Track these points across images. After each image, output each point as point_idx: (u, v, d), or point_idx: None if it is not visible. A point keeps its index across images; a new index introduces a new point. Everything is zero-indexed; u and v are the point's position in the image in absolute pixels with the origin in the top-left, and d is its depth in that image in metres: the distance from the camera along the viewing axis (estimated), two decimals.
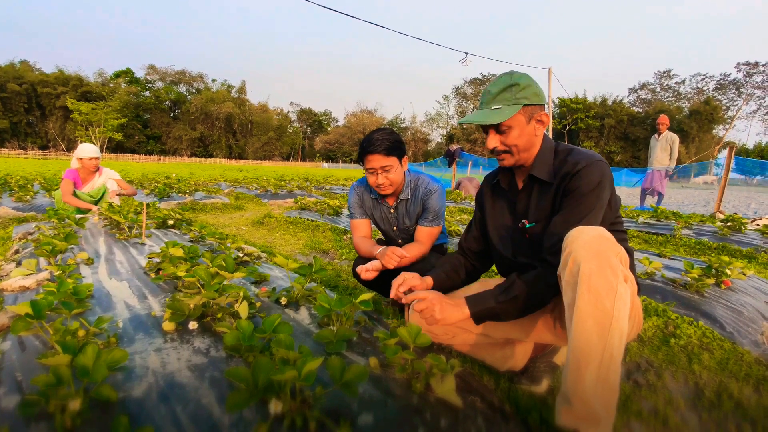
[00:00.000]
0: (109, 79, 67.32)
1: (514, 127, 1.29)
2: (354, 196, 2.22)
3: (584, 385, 1.00)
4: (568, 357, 1.04)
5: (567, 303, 1.08)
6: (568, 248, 1.07)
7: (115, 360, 1.00)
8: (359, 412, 1.01)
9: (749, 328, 2.08)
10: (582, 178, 1.24)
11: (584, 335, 1.00)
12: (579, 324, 1.01)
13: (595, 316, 1.00)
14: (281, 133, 79.91)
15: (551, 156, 1.37)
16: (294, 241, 4.49)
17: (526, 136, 1.32)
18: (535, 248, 1.44)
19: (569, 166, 1.29)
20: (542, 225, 1.38)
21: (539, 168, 1.36)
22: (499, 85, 1.29)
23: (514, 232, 1.49)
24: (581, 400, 1.01)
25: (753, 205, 12.50)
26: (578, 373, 1.01)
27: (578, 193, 1.24)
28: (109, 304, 1.64)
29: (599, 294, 1.00)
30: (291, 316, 1.63)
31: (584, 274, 1.01)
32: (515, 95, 1.27)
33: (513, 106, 1.27)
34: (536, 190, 1.40)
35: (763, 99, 55.12)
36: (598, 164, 1.26)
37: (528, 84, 1.28)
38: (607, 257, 1.02)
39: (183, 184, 8.78)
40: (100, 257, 2.36)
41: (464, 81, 71.31)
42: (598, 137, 53.67)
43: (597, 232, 1.07)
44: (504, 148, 1.33)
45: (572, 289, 1.04)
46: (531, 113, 1.30)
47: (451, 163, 13.34)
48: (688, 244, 4.36)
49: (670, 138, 7.49)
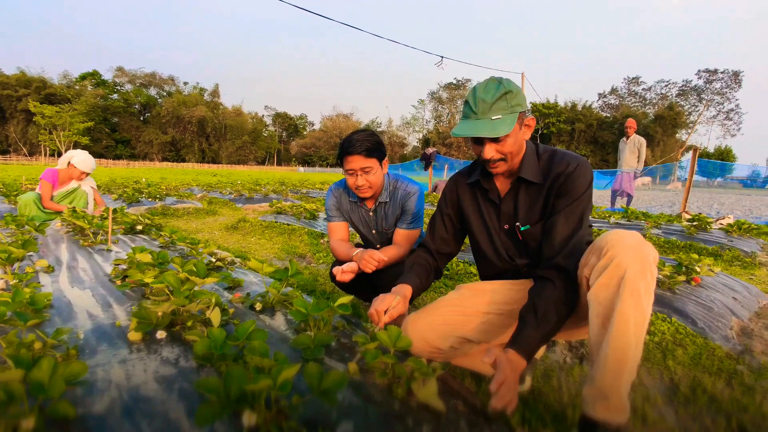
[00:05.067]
0: (74, 81, 64.94)
1: (510, 135, 1.28)
2: (332, 199, 2.17)
3: (622, 381, 1.06)
4: (605, 355, 1.06)
5: (599, 302, 1.10)
6: (609, 252, 1.09)
7: (74, 373, 0.93)
8: (339, 420, 0.96)
9: (719, 323, 2.14)
10: (576, 179, 1.30)
11: (625, 336, 1.04)
12: (621, 325, 1.04)
13: (636, 318, 1.04)
14: (256, 137, 78.88)
15: (535, 158, 1.40)
16: (269, 245, 4.40)
17: (519, 143, 1.33)
18: (532, 249, 1.43)
19: (561, 166, 1.32)
20: (539, 226, 1.39)
21: (527, 170, 1.37)
22: (493, 93, 1.25)
23: (505, 234, 1.48)
24: (618, 395, 1.07)
25: (715, 205, 13.06)
26: (618, 371, 1.06)
27: (575, 194, 1.30)
28: (70, 314, 1.54)
29: (640, 297, 1.04)
30: (266, 322, 1.57)
31: (629, 278, 1.04)
32: (510, 103, 1.25)
33: (512, 115, 1.26)
34: (524, 191, 1.41)
35: (722, 105, 57.84)
36: (586, 164, 1.33)
37: (518, 90, 1.28)
38: (649, 261, 1.07)
39: (153, 189, 8.51)
40: (61, 265, 2.23)
41: (439, 85, 72.02)
42: (569, 141, 55.10)
43: (638, 237, 1.11)
44: (500, 156, 1.32)
45: (611, 292, 1.08)
46: (522, 119, 1.31)
47: (427, 166, 13.41)
48: (658, 243, 4.49)
49: (638, 141, 7.74)
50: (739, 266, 3.73)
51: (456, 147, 58.13)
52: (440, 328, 1.42)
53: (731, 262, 3.83)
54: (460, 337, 1.43)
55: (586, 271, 1.17)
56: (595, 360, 1.11)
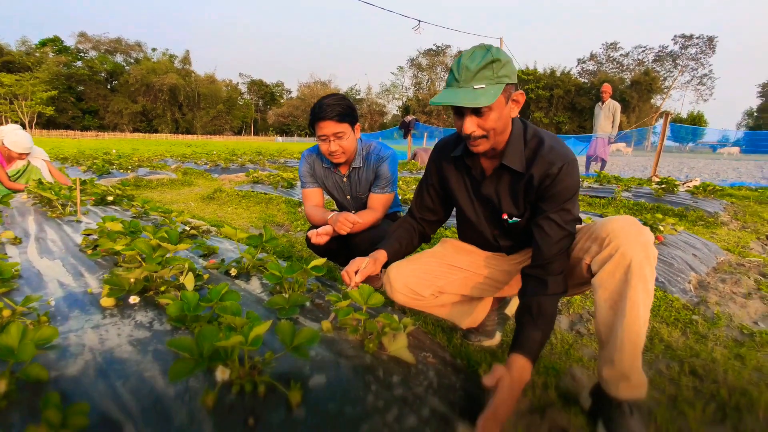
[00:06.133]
0: (34, 48, 61.09)
1: (494, 109, 1.16)
2: (305, 165, 2.15)
3: (639, 361, 1.13)
4: (621, 340, 1.11)
5: (606, 287, 1.14)
6: (613, 242, 1.12)
7: (44, 338, 0.93)
8: (311, 374, 1.00)
9: (678, 277, 2.26)
10: (562, 182, 1.22)
11: (638, 320, 1.10)
12: (633, 311, 1.09)
13: (645, 302, 1.10)
14: (231, 105, 76.42)
15: (521, 143, 1.28)
16: (246, 215, 4.36)
17: (504, 119, 1.20)
18: (516, 234, 1.43)
19: (546, 164, 1.23)
20: (525, 220, 1.35)
21: (511, 157, 1.27)
22: (479, 61, 1.12)
23: (489, 215, 1.44)
24: (638, 373, 1.14)
25: (685, 170, 13.46)
26: (634, 353, 1.11)
27: (563, 197, 1.23)
28: (39, 283, 1.52)
29: (647, 281, 1.09)
30: (241, 286, 1.58)
31: (636, 266, 1.09)
32: (497, 73, 1.12)
33: (497, 86, 1.13)
34: (506, 178, 1.33)
35: (696, 70, 58.63)
36: (573, 164, 1.24)
37: (507, 60, 1.15)
38: (651, 246, 1.11)
39: (124, 160, 8.25)
40: (29, 236, 2.18)
41: (419, 52, 70.53)
42: (548, 107, 55.24)
43: (637, 224, 1.14)
44: (482, 132, 1.19)
45: (618, 278, 1.12)
46: (509, 93, 1.19)
47: (406, 134, 13.32)
48: (627, 205, 4.64)
49: (613, 106, 7.82)
50: (702, 225, 3.90)
51: (436, 115, 57.67)
52: (422, 275, 1.46)
53: (695, 222, 3.99)
54: (440, 287, 1.47)
55: (587, 258, 1.20)
56: (607, 342, 1.16)
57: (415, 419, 0.94)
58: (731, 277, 2.40)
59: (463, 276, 1.51)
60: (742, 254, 2.97)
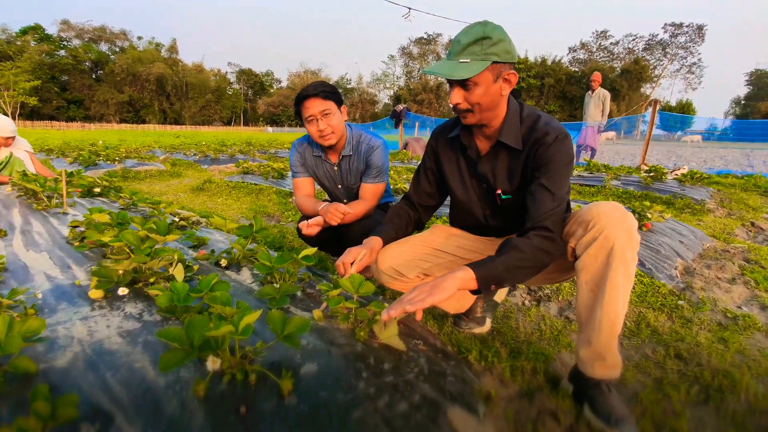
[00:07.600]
0: (15, 36, 59.32)
1: (479, 84, 1.20)
2: (295, 154, 2.14)
3: (615, 342, 1.16)
4: (599, 321, 1.13)
5: (588, 270, 1.15)
6: (597, 226, 1.12)
7: (32, 330, 0.92)
8: (302, 362, 1.00)
9: (665, 264, 2.29)
10: (557, 151, 1.24)
11: (617, 302, 1.12)
12: (613, 292, 1.11)
13: (624, 285, 1.11)
14: (220, 95, 75.31)
15: (518, 121, 1.32)
16: (237, 206, 4.33)
17: (491, 95, 1.23)
18: (508, 213, 1.43)
19: (540, 133, 1.26)
20: (518, 196, 1.35)
21: (507, 134, 1.30)
22: (470, 36, 1.17)
23: (482, 194, 1.45)
24: (613, 354, 1.17)
25: (673, 158, 13.60)
26: (611, 334, 1.14)
27: (557, 165, 1.24)
28: (26, 276, 1.50)
29: (628, 264, 1.11)
30: (232, 277, 1.57)
31: (618, 249, 1.10)
32: (485, 50, 1.16)
33: (481, 62, 1.17)
34: (503, 156, 1.35)
35: (685, 59, 58.99)
36: (568, 138, 1.27)
37: (501, 38, 1.18)
38: (634, 231, 1.12)
39: (111, 152, 8.12)
40: (14, 229, 2.14)
41: (410, 40, 70.03)
42: (539, 96, 55.38)
43: (622, 209, 1.15)
44: (467, 105, 1.24)
45: (600, 262, 1.13)
46: (499, 71, 1.21)
47: (397, 123, 13.26)
48: (617, 193, 4.68)
49: (603, 94, 7.84)
50: (689, 213, 3.96)
51: (427, 104, 57.49)
52: (409, 258, 1.47)
53: (682, 209, 4.05)
54: (426, 269, 1.49)
55: (572, 242, 1.20)
56: (586, 323, 1.17)
57: (406, 405, 0.95)
58: (716, 263, 2.44)
59: (450, 260, 1.52)
60: (727, 240, 3.02)
